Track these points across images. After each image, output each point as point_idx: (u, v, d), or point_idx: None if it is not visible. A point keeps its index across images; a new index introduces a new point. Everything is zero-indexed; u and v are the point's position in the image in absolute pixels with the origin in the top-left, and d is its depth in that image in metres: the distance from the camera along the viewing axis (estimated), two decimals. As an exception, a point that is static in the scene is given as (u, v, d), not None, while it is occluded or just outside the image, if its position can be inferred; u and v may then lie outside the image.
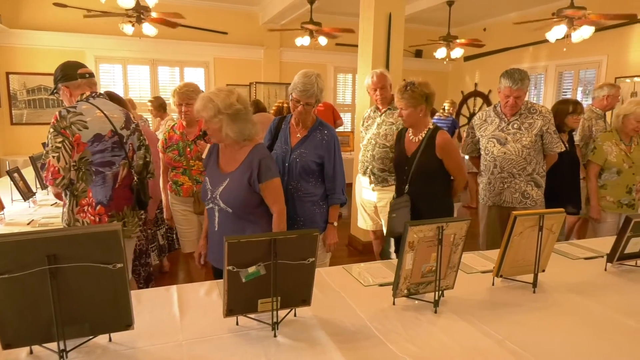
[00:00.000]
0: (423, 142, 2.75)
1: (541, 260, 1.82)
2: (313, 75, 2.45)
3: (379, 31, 4.36)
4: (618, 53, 7.21)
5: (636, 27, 6.83)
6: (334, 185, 2.57)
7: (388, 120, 3.33)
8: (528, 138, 3.06)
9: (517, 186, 3.12)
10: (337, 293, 1.78)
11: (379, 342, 1.41)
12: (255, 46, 9.22)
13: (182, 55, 8.80)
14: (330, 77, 10.11)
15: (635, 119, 3.23)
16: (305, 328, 1.49)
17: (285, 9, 7.78)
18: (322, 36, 7.39)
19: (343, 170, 2.62)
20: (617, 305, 1.70)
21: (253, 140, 2.18)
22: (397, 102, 2.78)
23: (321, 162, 2.54)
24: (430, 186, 2.77)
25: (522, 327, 1.52)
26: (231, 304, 1.43)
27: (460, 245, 1.63)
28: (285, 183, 2.55)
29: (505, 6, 8.46)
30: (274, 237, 1.37)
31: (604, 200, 3.42)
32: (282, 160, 2.58)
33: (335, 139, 2.58)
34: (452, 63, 10.18)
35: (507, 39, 8.85)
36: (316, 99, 2.48)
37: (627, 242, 2.00)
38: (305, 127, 2.58)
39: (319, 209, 2.59)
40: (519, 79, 2.97)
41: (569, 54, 7.53)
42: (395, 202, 2.86)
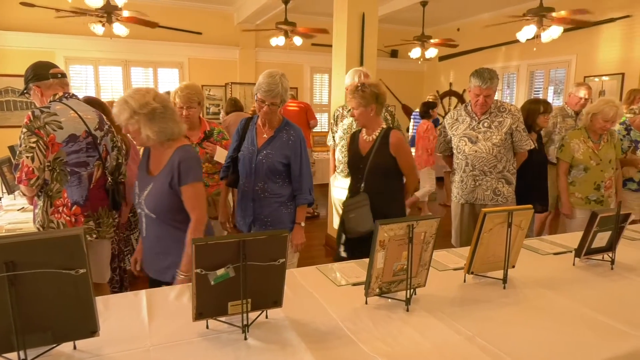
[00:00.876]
0: (377, 141, 2.77)
1: (511, 256, 1.85)
2: (277, 75, 2.44)
3: (352, 31, 4.37)
4: (587, 53, 7.40)
5: (604, 27, 7.02)
6: (300, 185, 2.57)
7: None
8: (498, 136, 3.11)
9: (489, 183, 3.17)
10: (310, 294, 1.77)
11: (350, 342, 1.40)
12: (230, 46, 9.15)
13: (156, 55, 8.68)
14: (307, 77, 10.11)
15: (602, 118, 3.30)
16: (277, 330, 1.47)
17: (259, 9, 7.75)
18: (297, 36, 7.38)
19: (310, 171, 2.62)
20: (584, 299, 1.73)
21: (177, 141, 2.05)
22: (349, 102, 2.81)
23: (287, 162, 2.53)
24: (384, 184, 2.79)
25: (492, 322, 1.54)
26: (200, 307, 1.41)
27: (431, 243, 1.64)
28: (252, 184, 2.55)
29: (477, 7, 8.60)
30: (242, 238, 1.36)
31: (572, 196, 3.49)
32: (249, 161, 2.56)
33: (302, 140, 2.57)
34: (427, 63, 10.29)
35: (480, 39, 8.99)
36: (281, 98, 2.46)
37: (594, 237, 2.04)
38: (271, 127, 2.57)
39: (286, 209, 2.58)
40: (488, 78, 3.02)
41: (540, 53, 7.70)
42: (352, 202, 2.82)
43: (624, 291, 1.84)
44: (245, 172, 2.60)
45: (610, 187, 3.45)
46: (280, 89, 2.43)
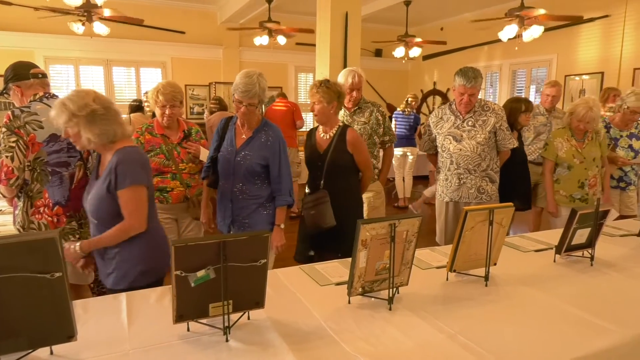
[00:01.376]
0: (335, 138, 2.81)
1: (492, 253, 1.86)
2: (254, 75, 2.39)
3: (336, 30, 4.38)
4: (567, 52, 7.51)
5: (583, 27, 7.13)
6: (279, 187, 2.53)
7: (360, 120, 3.35)
8: (482, 135, 3.13)
9: (473, 182, 3.19)
10: (293, 294, 1.76)
11: (332, 342, 1.40)
12: (213, 46, 9.10)
13: (138, 55, 8.59)
14: (291, 76, 10.09)
15: (576, 118, 3.33)
16: (259, 331, 1.46)
17: (243, 8, 7.71)
18: (281, 35, 7.36)
19: (289, 172, 2.57)
20: (564, 295, 1.75)
21: (120, 142, 1.94)
22: (312, 96, 2.81)
23: (266, 163, 2.50)
24: (343, 181, 2.84)
25: (474, 320, 1.55)
26: (181, 309, 1.39)
27: (413, 241, 1.64)
28: (231, 185, 2.53)
29: (460, 6, 8.67)
30: (223, 239, 1.34)
31: (557, 194, 3.53)
32: (227, 162, 2.54)
33: (281, 140, 2.54)
34: (411, 62, 10.35)
35: (464, 38, 9.08)
36: (259, 99, 2.42)
37: (574, 233, 2.07)
38: (250, 128, 2.53)
39: (265, 211, 2.56)
40: (472, 77, 3.03)
41: (522, 53, 7.80)
42: (312, 198, 2.82)
43: (603, 287, 1.86)
44: (224, 172, 2.57)
45: (594, 185, 3.48)
46: (258, 89, 2.38)
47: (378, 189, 3.41)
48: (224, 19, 8.73)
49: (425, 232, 4.82)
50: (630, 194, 3.84)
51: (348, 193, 2.87)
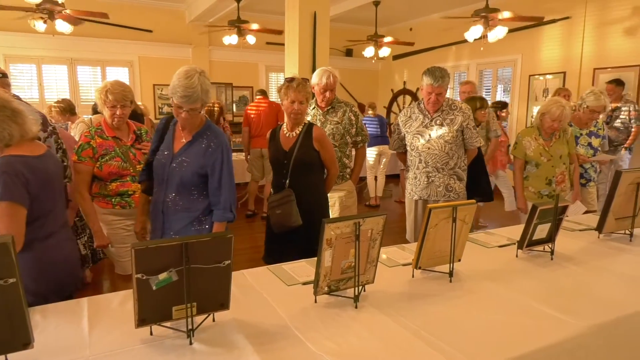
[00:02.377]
0: (301, 135, 2.81)
1: (456, 250, 1.90)
2: (195, 76, 2.08)
3: (304, 30, 4.38)
4: (531, 52, 7.72)
5: (545, 28, 7.34)
6: (218, 200, 2.24)
7: (333, 120, 3.34)
8: (450, 133, 3.18)
9: (441, 180, 3.24)
10: (260, 294, 1.75)
11: (297, 342, 1.40)
12: (182, 45, 8.97)
13: (104, 54, 8.39)
14: (262, 76, 10.04)
15: (550, 117, 3.42)
16: (224, 332, 1.45)
17: (211, 7, 7.63)
18: (250, 35, 7.31)
19: (232, 183, 2.28)
20: (525, 289, 1.80)
21: (16, 147, 1.78)
22: (296, 95, 2.75)
23: (205, 173, 2.21)
24: (308, 178, 2.84)
25: (438, 316, 1.58)
26: (143, 313, 1.37)
27: (378, 240, 1.66)
28: (163, 194, 2.25)
29: (428, 7, 8.80)
30: (185, 241, 1.32)
31: (526, 190, 3.63)
32: (162, 168, 2.25)
33: (224, 147, 2.24)
34: (381, 62, 10.45)
35: (432, 38, 9.21)
36: (202, 102, 2.14)
37: (535, 229, 2.13)
38: (190, 131, 2.25)
39: (199, 226, 2.26)
40: (439, 77, 3.06)
41: (488, 53, 7.97)
42: (278, 198, 2.78)
43: (561, 280, 1.92)
44: (158, 179, 2.29)
45: (562, 182, 3.58)
46: (200, 91, 2.09)
47: (350, 188, 3.42)
48: (193, 18, 8.61)
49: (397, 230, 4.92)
50: (590, 190, 3.98)
51: (314, 190, 2.87)
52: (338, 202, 3.32)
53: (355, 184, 3.49)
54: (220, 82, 9.20)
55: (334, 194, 3.31)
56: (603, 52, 6.70)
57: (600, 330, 1.53)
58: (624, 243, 2.40)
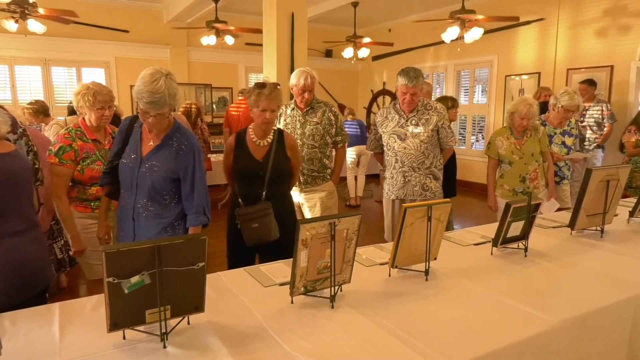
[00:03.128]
0: (274, 144, 2.68)
1: (432, 248, 1.91)
2: (161, 79, 1.98)
3: (282, 31, 4.37)
4: (507, 53, 7.85)
5: (521, 29, 7.48)
6: (192, 204, 2.18)
7: (312, 120, 3.31)
8: (425, 133, 3.21)
9: (417, 179, 3.27)
10: (236, 296, 1.74)
11: (273, 343, 1.40)
12: (160, 45, 8.87)
13: (79, 54, 8.24)
14: (242, 76, 9.99)
15: (518, 116, 3.49)
16: (198, 335, 1.44)
17: (189, 7, 7.57)
18: (229, 35, 7.27)
19: (205, 187, 2.24)
20: (499, 286, 1.83)
21: None
22: (268, 103, 2.56)
23: (177, 177, 2.15)
24: (282, 187, 2.77)
25: (414, 314, 1.59)
26: (115, 317, 1.34)
27: (354, 239, 1.67)
28: (133, 199, 2.17)
29: (407, 9, 8.88)
30: (157, 243, 1.31)
31: (502, 188, 3.69)
32: (130, 172, 2.16)
33: (196, 150, 2.19)
34: (361, 62, 10.50)
35: (411, 39, 9.30)
36: (169, 106, 2.04)
37: (509, 226, 2.16)
38: (159, 133, 2.16)
39: (173, 232, 2.20)
40: (413, 77, 3.10)
41: (465, 54, 8.08)
42: (254, 210, 2.61)
43: (534, 277, 1.96)
44: (126, 184, 2.19)
45: (535, 179, 3.65)
46: (167, 96, 1.98)
47: (331, 189, 3.40)
48: (170, 18, 8.52)
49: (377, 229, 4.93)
50: (564, 188, 4.06)
51: (287, 200, 2.83)
52: (319, 202, 3.32)
53: (335, 184, 3.49)
54: (199, 83, 9.12)
55: (315, 195, 3.31)
56: (576, 52, 6.86)
57: (571, 325, 1.56)
58: (595, 239, 2.46)
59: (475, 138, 8.97)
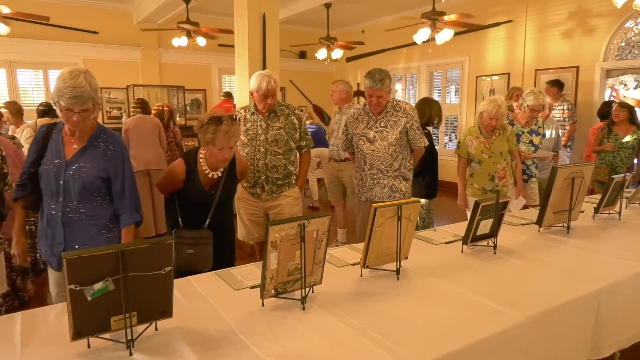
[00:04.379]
0: (224, 174, 2.56)
1: (403, 248, 1.93)
2: (80, 75, 1.96)
3: (254, 32, 4.34)
4: (477, 54, 8.00)
5: (490, 31, 7.63)
6: (123, 203, 2.18)
7: (275, 125, 3.18)
8: (393, 135, 3.19)
9: (386, 181, 3.26)
10: (206, 300, 1.71)
11: (243, 347, 1.38)
12: (130, 47, 8.72)
13: (46, 56, 8.02)
14: (215, 78, 9.90)
15: (487, 116, 3.55)
16: (166, 341, 1.41)
17: (159, 8, 7.45)
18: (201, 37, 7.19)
19: (135, 185, 2.23)
20: (468, 284, 1.86)
21: None
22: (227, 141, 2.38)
23: (107, 176, 2.13)
24: (226, 213, 2.71)
25: (384, 314, 1.60)
26: (78, 325, 1.31)
27: (324, 240, 1.66)
28: (62, 205, 2.10)
29: (379, 10, 8.94)
30: (122, 248, 1.28)
31: (472, 187, 3.75)
32: (55, 178, 2.09)
33: (123, 149, 2.20)
34: (335, 64, 10.53)
35: (384, 40, 9.36)
36: (93, 102, 2.02)
37: (478, 224, 2.20)
38: (83, 135, 2.12)
39: (108, 234, 2.18)
40: (378, 80, 3.05)
41: (437, 55, 8.19)
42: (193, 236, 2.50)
43: (503, 273, 1.99)
44: (51, 191, 2.11)
45: (504, 177, 3.71)
46: (89, 90, 1.97)
47: (296, 194, 3.32)
48: (141, 19, 8.38)
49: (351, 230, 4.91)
50: (532, 186, 4.16)
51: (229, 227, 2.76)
52: (285, 208, 3.26)
53: (301, 189, 3.40)
54: (171, 84, 8.99)
55: (281, 201, 3.25)
56: (543, 54, 7.03)
57: (537, 320, 1.59)
58: (562, 235, 2.52)
59: (448, 138, 9.10)
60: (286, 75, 9.62)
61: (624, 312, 1.93)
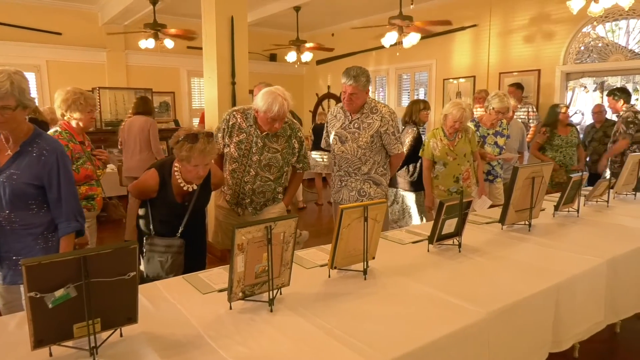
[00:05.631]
0: (199, 186, 2.52)
1: (370, 248, 1.96)
2: (4, 72, 1.87)
3: (222, 34, 4.32)
4: (444, 58, 8.16)
5: (456, 35, 7.80)
6: (60, 212, 2.08)
7: (272, 146, 2.83)
8: (364, 138, 3.12)
9: (354, 184, 3.20)
10: (173, 305, 1.70)
11: (210, 350, 1.38)
12: (96, 48, 8.52)
13: (6, 57, 7.72)
14: (184, 81, 9.78)
15: (452, 119, 3.63)
16: (132, 347, 1.39)
17: (126, 10, 7.32)
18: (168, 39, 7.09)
19: (73, 191, 2.14)
20: (434, 282, 1.90)
21: None
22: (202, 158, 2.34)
23: (41, 184, 2.03)
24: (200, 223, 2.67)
25: (351, 313, 1.62)
26: (39, 334, 1.28)
27: (291, 242, 1.67)
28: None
29: (348, 14, 9.02)
30: (83, 254, 1.26)
31: (437, 189, 3.82)
32: None
33: (59, 154, 2.07)
34: (306, 66, 10.55)
35: (353, 43, 9.45)
36: (17, 100, 1.90)
37: (443, 224, 2.25)
38: (16, 141, 2.01)
39: (45, 244, 2.09)
40: (352, 76, 2.98)
41: (405, 58, 8.32)
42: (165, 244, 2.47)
43: (467, 271, 2.05)
44: None
45: (467, 178, 3.81)
46: (9, 86, 1.85)
47: (281, 210, 3.03)
48: (106, 20, 8.21)
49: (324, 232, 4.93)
50: (497, 186, 4.27)
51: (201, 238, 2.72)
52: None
53: (287, 206, 3.12)
54: (139, 87, 8.83)
55: (265, 216, 3.00)
56: (507, 57, 7.23)
57: (499, 315, 1.64)
58: (524, 233, 2.61)
59: (417, 140, 9.23)
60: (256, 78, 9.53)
61: (581, 305, 2.01)
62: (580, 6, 4.59)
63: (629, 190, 3.54)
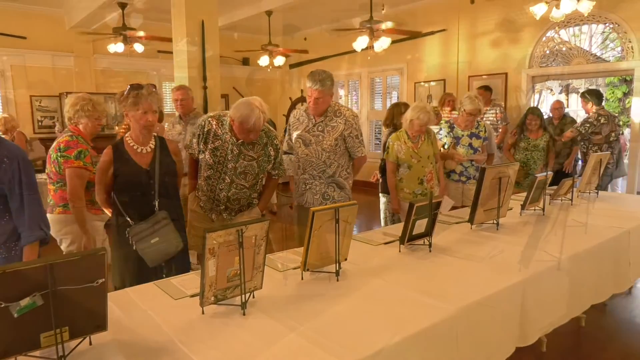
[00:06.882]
0: (157, 149, 2.55)
1: (341, 250, 1.98)
2: None
3: (192, 38, 4.30)
4: (415, 61, 8.31)
5: (426, 39, 7.94)
6: (23, 221, 2.02)
7: (248, 154, 2.78)
8: (328, 141, 3.12)
9: (318, 188, 3.20)
10: (144, 312, 1.68)
11: (182, 356, 1.37)
12: (63, 52, 8.33)
13: (-32, 62, 7.51)
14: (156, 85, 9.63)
15: (419, 124, 3.67)
16: (101, 355, 1.37)
17: (93, 13, 7.19)
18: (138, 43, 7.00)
19: (37, 199, 2.07)
20: (404, 281, 1.94)
21: None
22: (149, 104, 2.41)
23: (2, 192, 1.98)
24: (174, 195, 2.62)
25: (323, 314, 1.63)
26: (4, 344, 1.25)
27: (263, 245, 1.68)
28: None
29: (320, 18, 9.07)
30: (50, 262, 1.24)
31: (402, 192, 3.86)
32: None
33: (21, 160, 2.01)
34: (279, 70, 10.56)
35: (326, 47, 9.51)
36: None
37: (414, 224, 2.30)
38: None
39: (6, 253, 2.04)
40: (318, 80, 2.98)
41: (377, 62, 8.43)
42: (149, 225, 2.42)
43: (437, 270, 2.10)
44: None
45: (431, 180, 3.86)
46: None
47: (257, 216, 2.96)
48: (73, 24, 8.03)
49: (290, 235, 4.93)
50: (470, 187, 4.33)
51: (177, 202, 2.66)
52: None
53: (262, 211, 3.05)
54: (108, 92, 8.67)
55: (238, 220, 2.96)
56: (475, 61, 7.41)
57: (467, 311, 1.69)
58: (492, 232, 2.68)
59: (390, 142, 9.34)
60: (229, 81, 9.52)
61: (546, 300, 2.08)
62: (542, 12, 4.75)
63: (592, 189, 3.67)
